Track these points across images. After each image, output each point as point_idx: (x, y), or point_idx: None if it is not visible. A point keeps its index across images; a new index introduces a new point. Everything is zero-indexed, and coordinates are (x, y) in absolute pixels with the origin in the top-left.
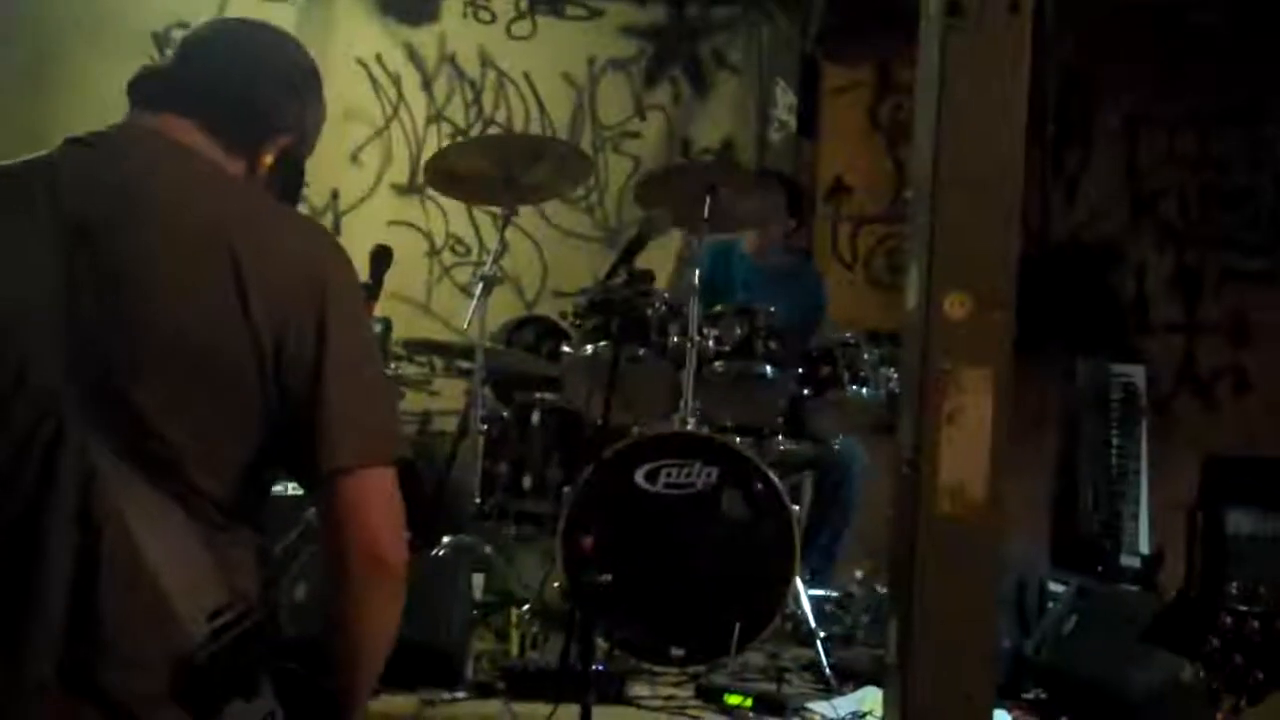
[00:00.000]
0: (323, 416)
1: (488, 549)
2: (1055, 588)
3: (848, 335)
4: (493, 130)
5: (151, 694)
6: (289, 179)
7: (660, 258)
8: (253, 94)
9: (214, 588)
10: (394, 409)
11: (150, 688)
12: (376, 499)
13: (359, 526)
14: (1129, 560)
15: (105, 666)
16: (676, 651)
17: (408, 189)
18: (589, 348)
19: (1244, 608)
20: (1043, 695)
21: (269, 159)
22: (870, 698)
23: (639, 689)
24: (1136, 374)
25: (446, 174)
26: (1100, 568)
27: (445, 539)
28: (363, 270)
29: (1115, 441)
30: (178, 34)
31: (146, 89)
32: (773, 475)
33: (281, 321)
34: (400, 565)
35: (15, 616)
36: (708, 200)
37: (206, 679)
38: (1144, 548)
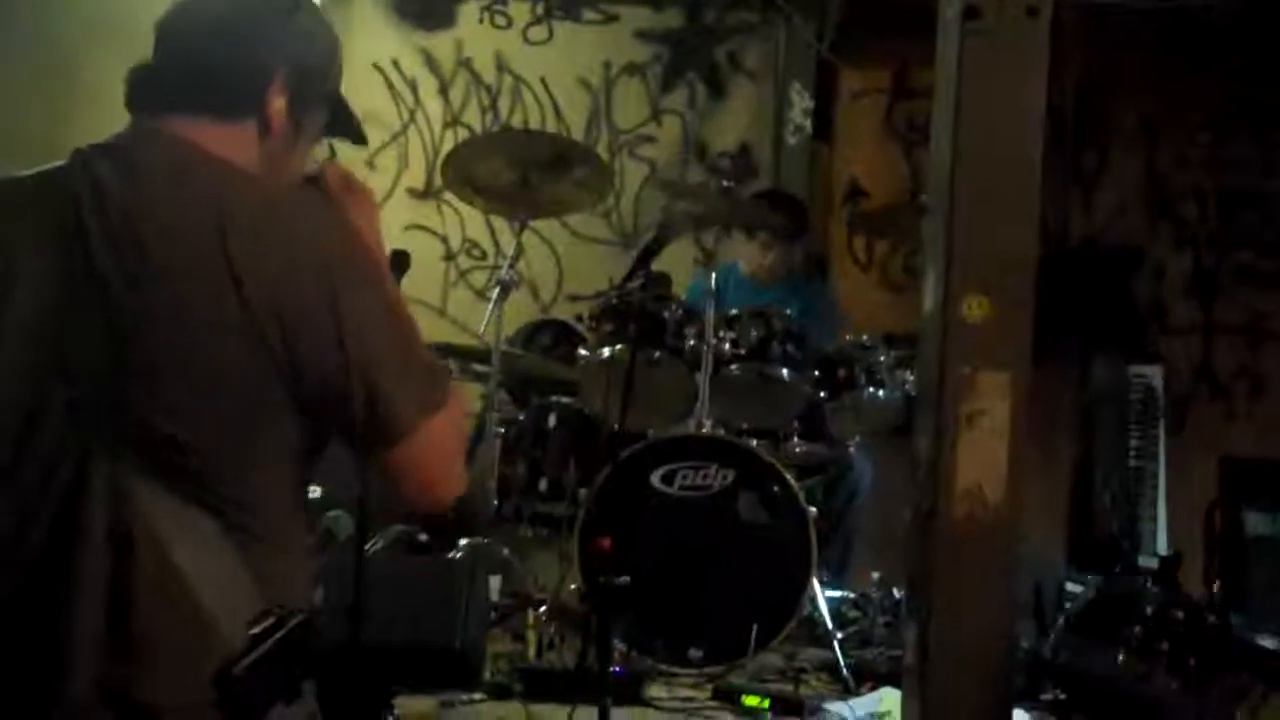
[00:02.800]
0: (366, 386)
1: (505, 551)
2: (1073, 588)
3: (863, 338)
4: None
5: (191, 706)
6: (336, 114)
7: (677, 262)
8: (231, 52)
9: (251, 597)
10: (424, 347)
11: (189, 700)
12: (433, 453)
13: (418, 483)
14: (1147, 561)
15: (144, 682)
16: (694, 653)
17: (424, 193)
18: (605, 351)
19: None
20: (1061, 696)
21: (279, 104)
22: (887, 698)
23: (656, 690)
24: (1154, 375)
25: (465, 178)
26: (1118, 569)
27: (462, 541)
28: None
29: (1133, 443)
30: None
31: (140, 93)
32: (789, 477)
33: (289, 313)
34: (457, 493)
35: (53, 636)
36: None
37: (245, 689)
38: (1161, 549)
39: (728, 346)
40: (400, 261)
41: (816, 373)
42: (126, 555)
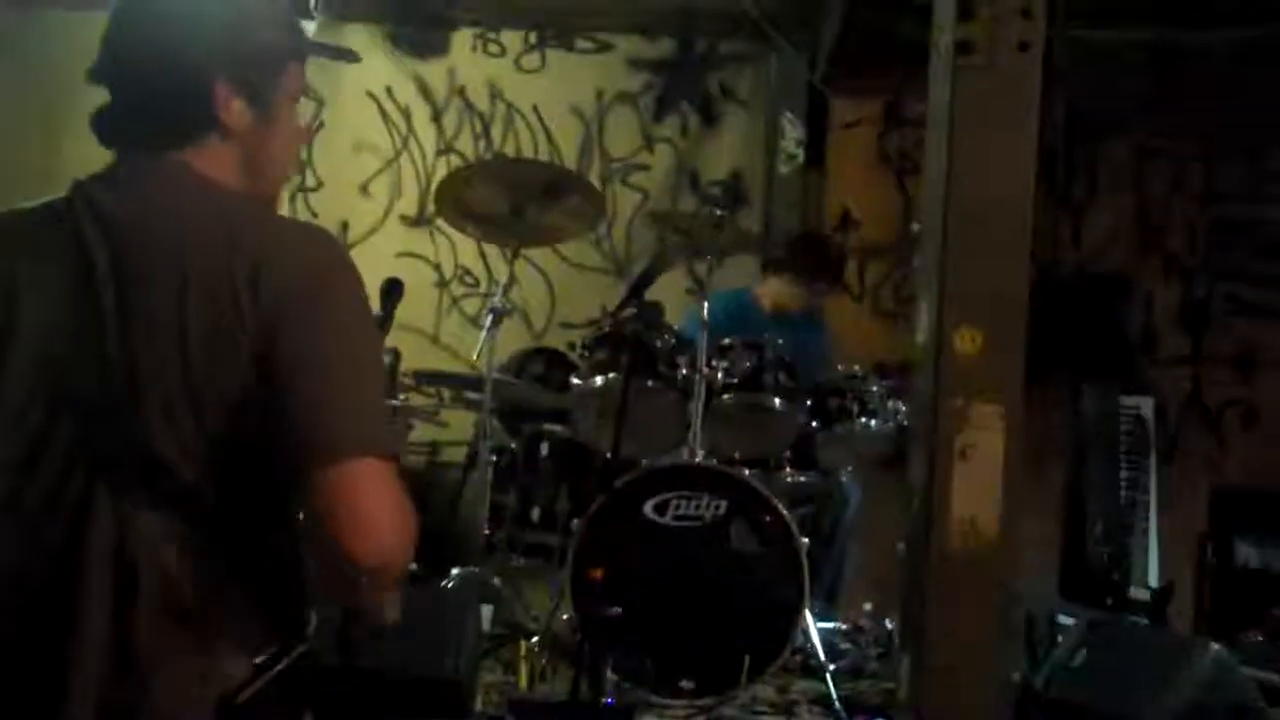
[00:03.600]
0: (296, 409)
1: (496, 581)
2: (1065, 620)
3: (855, 368)
4: None
5: None
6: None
7: (670, 291)
8: (168, 85)
9: (254, 625)
10: (381, 404)
11: None
12: (366, 495)
13: (343, 521)
14: (1138, 592)
15: (145, 707)
16: (686, 684)
17: (417, 221)
18: (598, 379)
19: None
20: None
21: (235, 106)
22: None
23: None
24: (1144, 406)
25: (458, 205)
26: (1109, 600)
27: (453, 571)
28: (373, 302)
29: (1123, 474)
30: None
31: (111, 137)
32: (781, 507)
33: (271, 338)
34: (388, 567)
35: (55, 661)
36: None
37: (248, 718)
38: (1153, 580)
39: (720, 376)
40: (394, 290)
41: (809, 402)
42: (129, 580)
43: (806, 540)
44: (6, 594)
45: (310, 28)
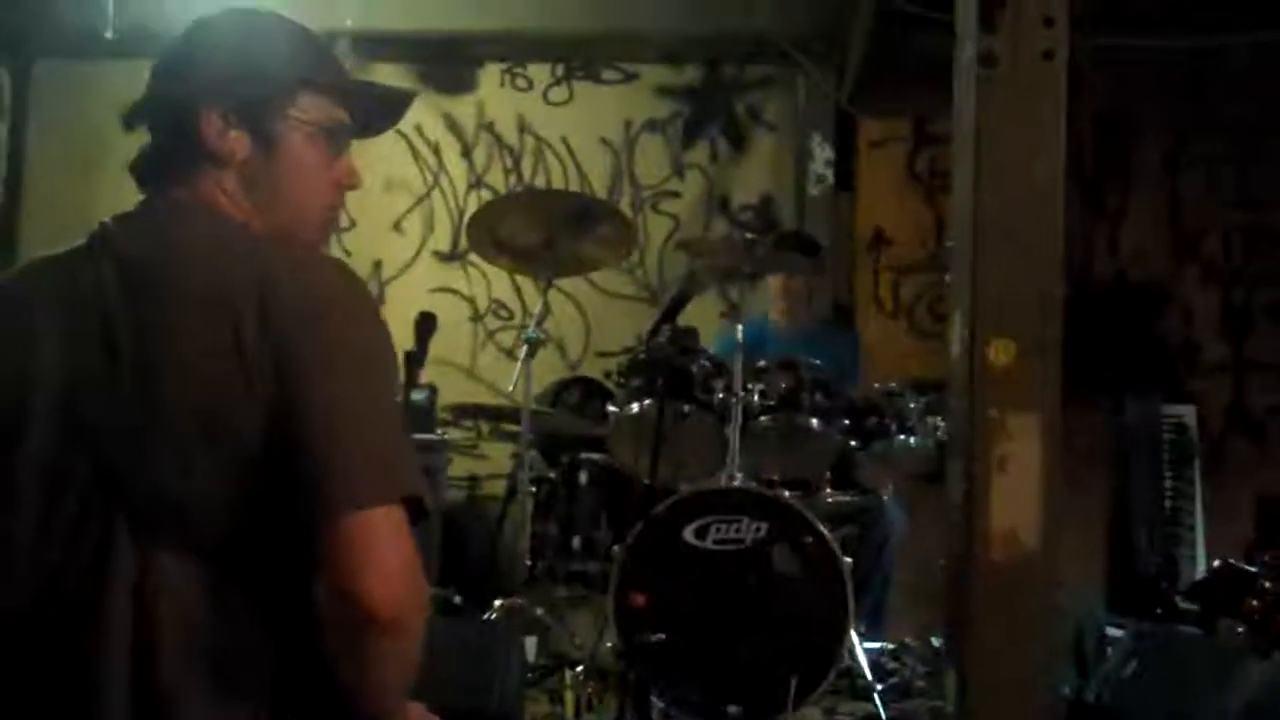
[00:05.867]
0: (307, 455)
1: (539, 611)
2: (1113, 632)
3: (892, 385)
4: None
5: None
6: (359, 103)
7: (705, 316)
8: (169, 112)
9: (273, 662)
10: (396, 444)
11: None
12: (376, 543)
13: (351, 567)
14: (1187, 603)
15: None
16: (733, 709)
17: (450, 256)
18: (634, 406)
19: None
20: None
21: (233, 135)
22: None
23: None
24: (1187, 414)
25: (490, 239)
26: (1158, 610)
27: (496, 602)
28: (408, 338)
29: (1168, 483)
30: None
31: (137, 178)
32: (823, 528)
33: (281, 379)
34: (400, 621)
35: (76, 702)
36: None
37: None
38: None
39: (756, 398)
40: (428, 324)
41: (846, 421)
42: (149, 621)
43: (849, 560)
44: (27, 633)
45: None
